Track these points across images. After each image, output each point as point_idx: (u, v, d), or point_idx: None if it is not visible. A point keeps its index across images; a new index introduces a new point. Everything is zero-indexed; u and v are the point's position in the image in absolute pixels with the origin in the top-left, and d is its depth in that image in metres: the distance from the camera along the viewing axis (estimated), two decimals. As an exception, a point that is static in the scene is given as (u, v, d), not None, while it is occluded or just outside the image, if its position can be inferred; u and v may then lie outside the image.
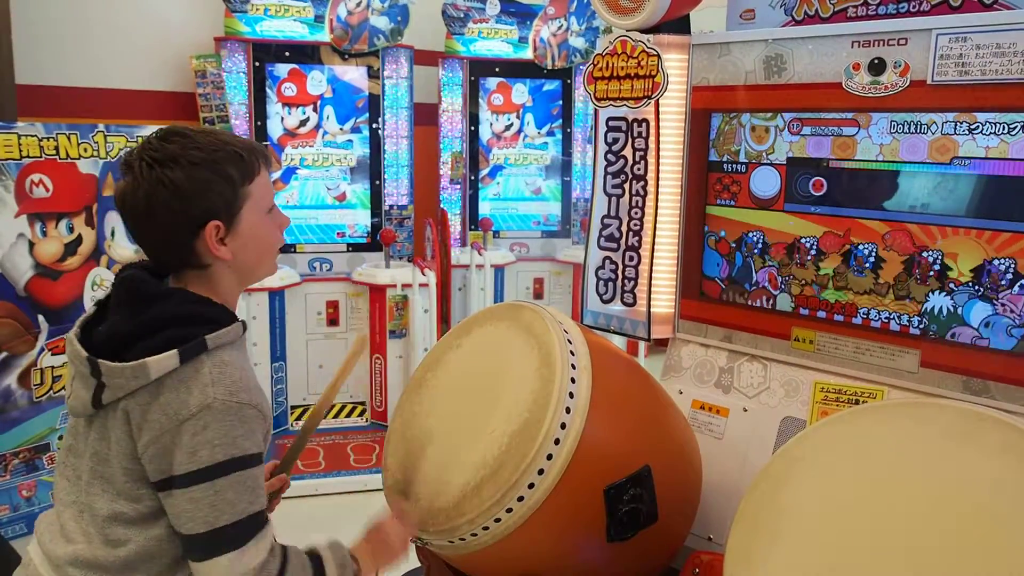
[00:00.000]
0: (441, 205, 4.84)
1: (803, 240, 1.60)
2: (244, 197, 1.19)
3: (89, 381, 1.15)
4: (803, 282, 1.61)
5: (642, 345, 4.15)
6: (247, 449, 1.13)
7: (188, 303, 1.18)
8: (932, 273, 1.44)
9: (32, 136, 2.98)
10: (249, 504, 1.13)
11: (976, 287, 1.39)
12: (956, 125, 1.39)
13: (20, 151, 2.96)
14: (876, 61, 1.46)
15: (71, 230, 3.14)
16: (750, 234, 1.67)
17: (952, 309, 1.42)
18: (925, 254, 1.44)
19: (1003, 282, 1.36)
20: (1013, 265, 1.35)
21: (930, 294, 1.44)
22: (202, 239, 1.16)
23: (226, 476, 1.10)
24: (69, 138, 3.08)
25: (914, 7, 1.48)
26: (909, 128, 1.44)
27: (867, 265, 1.51)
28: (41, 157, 3.01)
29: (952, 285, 1.42)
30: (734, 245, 1.70)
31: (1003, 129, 1.34)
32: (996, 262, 1.36)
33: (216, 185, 1.15)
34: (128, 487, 1.15)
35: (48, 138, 3.02)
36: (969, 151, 1.38)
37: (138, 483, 1.15)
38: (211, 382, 1.12)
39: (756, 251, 1.67)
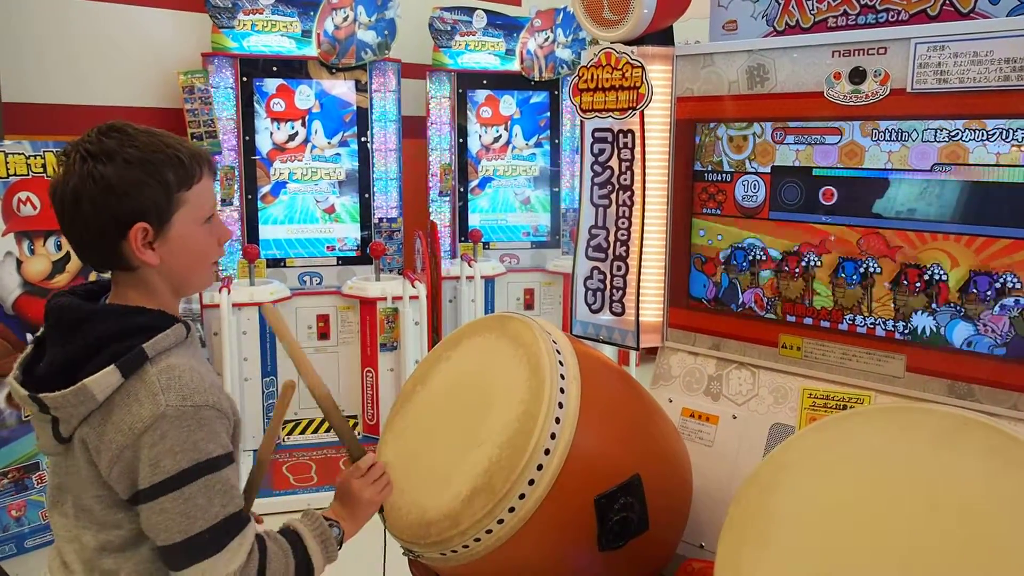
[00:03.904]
0: (431, 217, 4.85)
1: (789, 252, 1.61)
2: (179, 203, 1.14)
3: (43, 419, 1.12)
4: (790, 291, 1.62)
5: (633, 354, 4.16)
6: (211, 452, 1.10)
7: (119, 316, 1.14)
8: (919, 282, 1.45)
9: (19, 154, 2.97)
10: (223, 507, 1.10)
11: (958, 307, 1.40)
12: (936, 132, 1.41)
13: (7, 169, 2.96)
14: (857, 70, 1.47)
15: (59, 248, 3.13)
16: (737, 251, 1.68)
17: (935, 329, 1.44)
18: (911, 260, 1.46)
19: (989, 294, 1.37)
20: (998, 276, 1.36)
21: (914, 313, 1.45)
22: (128, 240, 1.12)
23: (193, 482, 1.07)
24: (56, 156, 3.08)
25: (893, 17, 1.50)
26: (890, 136, 1.46)
27: (855, 278, 1.53)
28: (28, 175, 3.00)
29: (935, 305, 1.43)
30: (720, 263, 1.71)
31: (983, 136, 1.36)
32: (981, 272, 1.38)
33: (148, 187, 1.11)
34: (106, 515, 1.13)
35: (35, 156, 3.02)
36: (949, 158, 1.40)
37: (113, 508, 1.12)
38: (161, 390, 1.08)
39: (744, 268, 1.68)
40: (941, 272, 1.42)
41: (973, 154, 1.37)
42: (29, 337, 3.02)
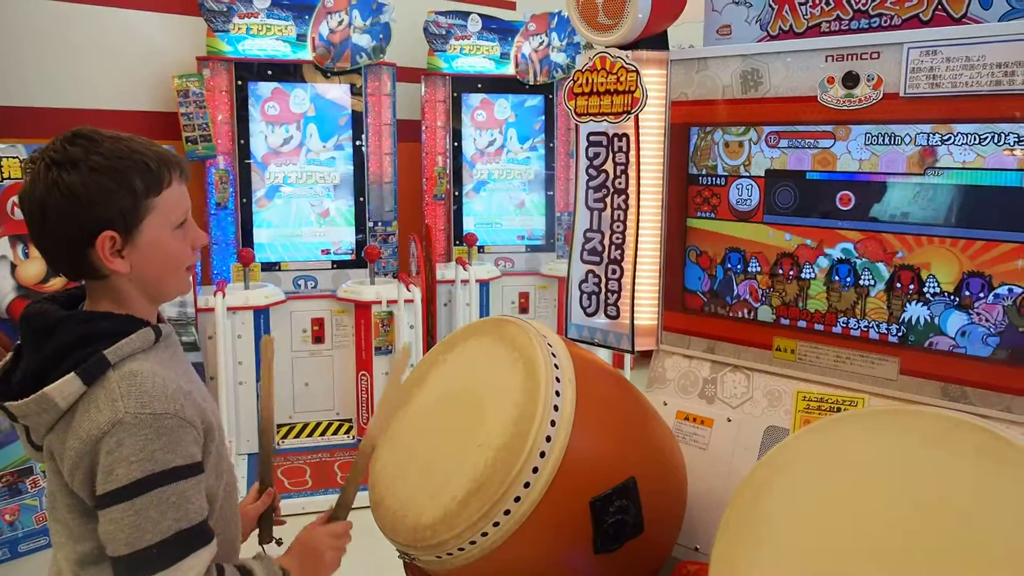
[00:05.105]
0: (425, 221, 4.85)
1: (784, 255, 1.62)
2: (147, 209, 1.12)
3: (18, 428, 1.11)
4: (785, 294, 1.62)
5: (627, 358, 4.17)
6: (170, 462, 1.06)
7: (84, 323, 1.12)
8: (912, 283, 1.46)
9: (13, 157, 2.97)
10: (175, 521, 1.06)
11: (952, 297, 1.41)
12: (929, 136, 1.41)
13: (1, 173, 2.95)
14: (851, 74, 1.48)
15: (53, 251, 3.12)
16: (732, 253, 1.69)
17: (929, 319, 1.44)
18: (903, 264, 1.46)
19: (979, 292, 1.38)
20: (988, 274, 1.37)
21: (908, 304, 1.46)
22: (95, 249, 1.10)
23: (146, 494, 1.04)
24: (23, 163, 3.07)
25: (886, 22, 1.51)
26: (883, 140, 1.47)
27: (849, 280, 1.54)
28: (23, 178, 2.99)
29: (929, 295, 1.44)
30: (715, 259, 1.72)
31: (974, 140, 1.37)
32: (973, 271, 1.39)
33: (115, 195, 1.08)
34: (78, 525, 1.11)
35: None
36: (941, 162, 1.41)
37: (83, 518, 1.10)
38: (120, 396, 1.06)
39: (739, 266, 1.69)
40: (934, 270, 1.43)
41: (965, 158, 1.38)
42: (23, 341, 3.02)
